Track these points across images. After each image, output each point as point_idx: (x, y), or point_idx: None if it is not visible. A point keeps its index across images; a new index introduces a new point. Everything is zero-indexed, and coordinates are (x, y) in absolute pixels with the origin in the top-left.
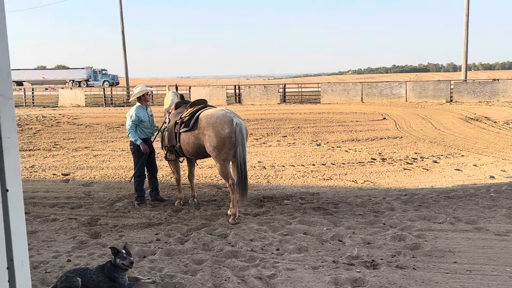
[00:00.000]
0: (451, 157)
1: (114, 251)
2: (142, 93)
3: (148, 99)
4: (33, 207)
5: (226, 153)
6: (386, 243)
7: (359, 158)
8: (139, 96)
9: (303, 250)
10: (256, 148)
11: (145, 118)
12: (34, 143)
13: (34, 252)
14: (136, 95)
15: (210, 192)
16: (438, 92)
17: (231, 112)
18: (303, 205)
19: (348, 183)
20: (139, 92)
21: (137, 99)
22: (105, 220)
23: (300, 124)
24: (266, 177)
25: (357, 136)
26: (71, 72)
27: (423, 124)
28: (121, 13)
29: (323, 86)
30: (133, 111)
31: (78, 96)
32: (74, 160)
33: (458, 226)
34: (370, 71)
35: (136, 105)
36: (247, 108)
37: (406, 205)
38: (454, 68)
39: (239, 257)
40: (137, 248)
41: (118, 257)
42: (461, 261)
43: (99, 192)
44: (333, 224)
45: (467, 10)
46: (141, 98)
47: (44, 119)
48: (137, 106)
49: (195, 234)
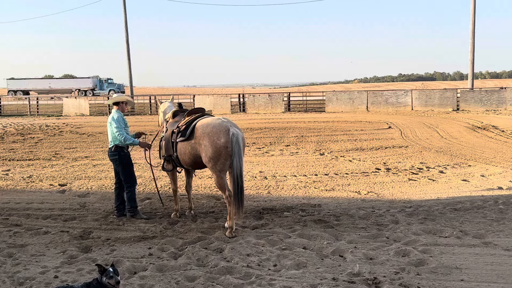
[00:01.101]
0: (457, 167)
1: (100, 269)
2: (121, 99)
3: (126, 109)
4: (25, 219)
5: (222, 163)
6: (389, 258)
7: (363, 168)
8: (119, 103)
9: (301, 266)
10: (258, 157)
11: (127, 123)
12: (34, 152)
13: (21, 267)
14: (115, 99)
15: (208, 203)
16: (444, 100)
17: (228, 121)
18: (304, 217)
19: (351, 194)
20: (119, 98)
21: (116, 105)
22: (97, 233)
23: (304, 133)
24: (267, 187)
25: (362, 145)
26: (77, 81)
27: (429, 133)
28: (126, 22)
29: (328, 95)
30: (116, 114)
31: (82, 105)
32: (73, 170)
33: (465, 240)
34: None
35: (115, 110)
36: (251, 117)
37: (410, 217)
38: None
39: (234, 273)
40: (128, 264)
41: (105, 276)
42: (468, 279)
43: (95, 203)
44: (334, 238)
45: (473, 18)
46: (119, 105)
47: (47, 128)
48: (116, 110)
49: (189, 248)
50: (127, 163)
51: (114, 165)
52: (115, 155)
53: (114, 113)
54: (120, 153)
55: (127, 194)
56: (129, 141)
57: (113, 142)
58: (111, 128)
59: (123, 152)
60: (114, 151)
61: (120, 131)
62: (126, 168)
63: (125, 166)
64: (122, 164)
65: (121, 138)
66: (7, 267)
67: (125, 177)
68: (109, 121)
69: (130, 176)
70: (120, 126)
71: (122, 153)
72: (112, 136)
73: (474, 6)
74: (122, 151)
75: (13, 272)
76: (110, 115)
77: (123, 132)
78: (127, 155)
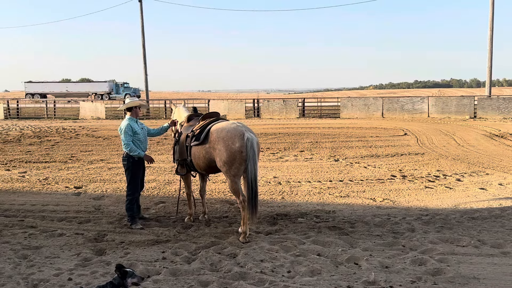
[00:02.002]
0: (475, 175)
1: (121, 272)
2: (134, 104)
3: (140, 113)
4: (41, 221)
5: (237, 168)
6: (406, 267)
7: (378, 174)
8: (131, 108)
9: (316, 273)
10: (272, 163)
11: (138, 130)
12: (51, 155)
13: (36, 269)
14: (128, 105)
15: (222, 208)
16: (461, 108)
17: (243, 126)
18: (318, 223)
19: (366, 201)
20: (132, 103)
21: (128, 110)
22: (112, 236)
23: (318, 138)
24: (281, 193)
25: (377, 151)
26: (94, 85)
27: (446, 141)
28: (142, 27)
29: (343, 101)
30: (125, 122)
31: (98, 108)
32: (88, 172)
33: (483, 250)
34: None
35: (127, 117)
36: (265, 122)
37: (427, 226)
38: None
39: (247, 279)
40: (141, 267)
41: (129, 277)
42: None
43: (110, 206)
44: (349, 245)
45: (491, 24)
46: (132, 110)
47: (64, 131)
48: (128, 118)
49: (203, 253)
50: (133, 171)
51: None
52: (124, 160)
53: (124, 121)
54: (128, 160)
55: (126, 203)
56: (134, 153)
57: (124, 148)
58: (121, 136)
59: (132, 159)
60: (124, 156)
61: (126, 141)
62: (130, 175)
63: (129, 173)
64: (127, 170)
65: (126, 149)
66: (21, 269)
67: (127, 183)
68: (119, 128)
69: (132, 183)
70: (127, 136)
71: (131, 159)
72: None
73: (492, 12)
74: (131, 158)
75: (28, 274)
76: (121, 123)
77: (129, 143)
78: (136, 162)
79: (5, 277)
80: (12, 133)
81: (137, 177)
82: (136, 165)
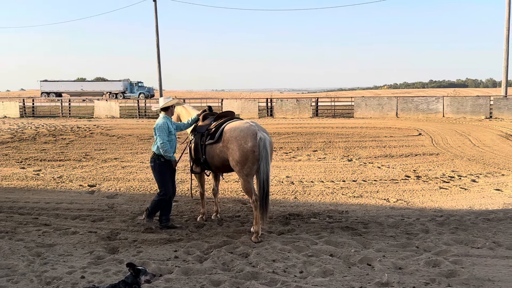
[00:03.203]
0: (490, 176)
1: (134, 270)
2: (172, 103)
3: (173, 112)
4: (54, 218)
5: (249, 167)
6: (419, 269)
7: (392, 175)
8: (168, 107)
9: (328, 273)
10: (285, 162)
11: (173, 131)
12: (65, 153)
13: (49, 266)
14: (166, 104)
15: (235, 207)
16: (477, 108)
17: (256, 125)
18: (331, 224)
19: (379, 201)
20: (169, 102)
21: (164, 110)
22: (125, 235)
23: (331, 138)
24: (294, 193)
25: (391, 152)
26: (108, 84)
27: (461, 141)
28: (156, 26)
29: (356, 100)
30: (162, 120)
31: (113, 107)
32: (102, 171)
33: (498, 252)
34: (406, 85)
35: (163, 116)
36: (278, 122)
37: (441, 227)
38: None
39: (259, 279)
40: (154, 266)
41: (142, 275)
42: None
43: (123, 204)
44: (362, 246)
45: (507, 23)
46: (168, 110)
47: (79, 130)
48: (164, 116)
49: (215, 252)
50: (161, 172)
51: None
52: (152, 162)
53: (159, 120)
54: (155, 161)
55: (155, 197)
56: (169, 154)
57: (152, 148)
58: (156, 136)
59: (159, 160)
60: (152, 157)
61: (163, 140)
62: (160, 176)
63: (158, 174)
64: (155, 171)
65: (163, 148)
66: (35, 266)
67: (158, 185)
68: (154, 127)
69: (164, 184)
70: (164, 134)
71: (157, 161)
72: (155, 143)
73: (509, 11)
74: (158, 159)
75: (41, 272)
76: (156, 121)
77: (165, 142)
78: (162, 164)
79: (18, 274)
80: (27, 131)
81: (167, 177)
82: (163, 166)
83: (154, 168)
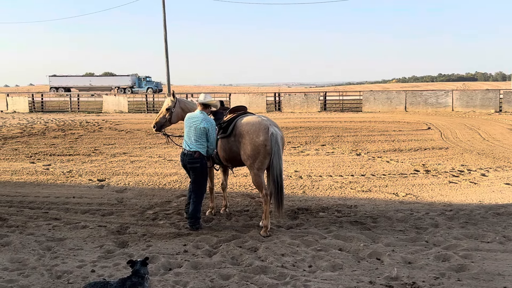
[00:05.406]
0: (500, 170)
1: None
2: (212, 103)
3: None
4: (65, 213)
5: (261, 162)
6: (429, 263)
7: (401, 169)
8: (208, 105)
9: (337, 268)
10: (293, 156)
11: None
12: (75, 148)
13: (60, 260)
14: (209, 102)
15: (243, 202)
16: (486, 101)
17: (268, 120)
18: (340, 218)
19: (388, 196)
20: (213, 101)
21: (205, 107)
22: (134, 229)
23: (340, 132)
24: (302, 187)
25: (400, 146)
26: (117, 79)
27: (470, 135)
28: (164, 21)
29: (365, 94)
30: (211, 120)
31: (121, 102)
32: (111, 165)
33: (508, 246)
34: (415, 79)
35: (203, 113)
36: (286, 116)
37: (451, 221)
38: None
39: (268, 273)
40: (163, 260)
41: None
42: (511, 286)
43: (132, 199)
44: (371, 240)
45: None
46: (208, 108)
47: (88, 125)
48: (205, 114)
49: (224, 246)
50: (206, 174)
51: (192, 172)
52: (197, 162)
53: (208, 118)
54: (202, 161)
55: (193, 203)
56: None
57: (196, 147)
58: (209, 134)
59: (205, 160)
60: (197, 157)
61: (215, 142)
62: (204, 177)
63: (205, 175)
64: (203, 172)
65: (214, 149)
66: (45, 260)
67: (198, 187)
68: (201, 124)
69: (204, 187)
70: (215, 135)
71: (204, 161)
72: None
73: None
74: (204, 159)
75: (52, 265)
76: (201, 116)
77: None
78: (206, 164)
79: (29, 268)
80: (36, 126)
81: (206, 179)
82: (206, 166)
83: (202, 169)
